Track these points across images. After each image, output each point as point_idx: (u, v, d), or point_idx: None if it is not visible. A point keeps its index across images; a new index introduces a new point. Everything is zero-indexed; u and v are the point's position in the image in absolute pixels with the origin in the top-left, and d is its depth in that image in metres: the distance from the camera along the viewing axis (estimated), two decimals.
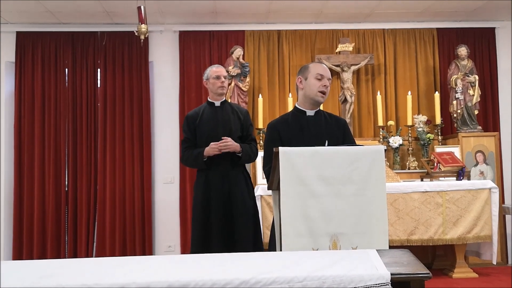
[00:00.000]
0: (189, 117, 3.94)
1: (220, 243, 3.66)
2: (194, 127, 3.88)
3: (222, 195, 3.73)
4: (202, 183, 3.80)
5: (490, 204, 4.74)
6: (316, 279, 1.58)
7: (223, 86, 3.88)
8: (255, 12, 5.83)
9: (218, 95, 3.91)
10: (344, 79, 5.93)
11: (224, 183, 3.75)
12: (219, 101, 3.94)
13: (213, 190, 3.75)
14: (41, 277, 1.62)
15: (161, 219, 6.00)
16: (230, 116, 3.86)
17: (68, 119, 5.92)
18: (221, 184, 3.75)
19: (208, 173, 3.78)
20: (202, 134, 3.84)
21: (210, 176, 3.77)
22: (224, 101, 3.96)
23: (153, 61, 6.15)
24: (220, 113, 3.89)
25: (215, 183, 3.75)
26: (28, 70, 5.94)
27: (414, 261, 1.79)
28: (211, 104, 3.94)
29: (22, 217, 5.78)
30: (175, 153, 5.98)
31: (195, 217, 3.81)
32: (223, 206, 3.73)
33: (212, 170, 3.77)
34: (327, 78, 2.96)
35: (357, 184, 2.51)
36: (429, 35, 6.28)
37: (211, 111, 3.90)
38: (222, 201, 3.73)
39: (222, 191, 3.74)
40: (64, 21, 5.94)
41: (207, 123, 3.86)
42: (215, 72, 3.88)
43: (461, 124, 5.81)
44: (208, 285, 1.55)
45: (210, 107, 3.93)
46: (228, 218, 3.72)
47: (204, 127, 3.85)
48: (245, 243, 3.65)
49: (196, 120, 3.89)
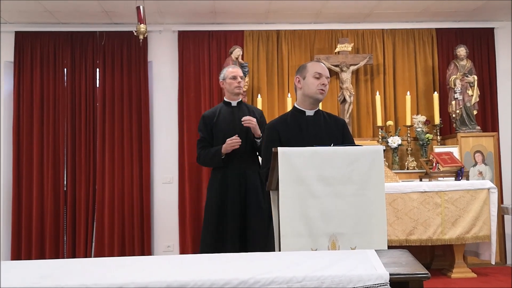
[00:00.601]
0: (205, 117, 3.98)
1: (235, 242, 3.67)
2: (210, 127, 3.92)
3: (238, 194, 3.76)
4: (218, 182, 3.82)
5: (489, 204, 4.74)
6: (315, 279, 1.58)
7: (240, 86, 3.95)
8: (254, 12, 5.83)
9: (235, 95, 3.97)
10: (343, 79, 5.93)
11: (241, 182, 3.79)
12: (236, 101, 3.99)
13: (230, 189, 3.77)
14: (40, 277, 1.62)
15: (160, 219, 6.00)
16: (247, 116, 3.88)
17: (67, 119, 5.91)
18: (238, 183, 3.78)
19: (225, 171, 3.81)
20: (219, 133, 3.87)
21: (226, 175, 3.80)
22: (240, 101, 4.03)
23: (152, 61, 6.14)
24: (237, 113, 3.93)
25: (232, 182, 3.78)
26: (27, 70, 5.93)
27: (412, 261, 1.79)
28: (228, 104, 4.00)
29: (20, 217, 5.77)
30: (174, 153, 5.98)
31: (209, 216, 3.82)
32: (239, 206, 3.74)
33: (229, 169, 3.80)
34: (326, 77, 2.96)
35: (356, 184, 2.51)
36: (428, 35, 6.28)
37: (228, 111, 3.95)
38: (238, 201, 3.75)
39: (239, 190, 3.77)
40: (63, 21, 5.94)
41: (224, 122, 3.90)
42: (231, 72, 3.96)
43: (460, 124, 5.82)
44: (207, 285, 1.55)
45: (227, 107, 3.98)
46: (243, 218, 3.73)
47: (221, 126, 3.89)
48: (257, 243, 3.64)
49: (213, 120, 3.93)
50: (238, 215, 3.73)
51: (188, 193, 5.86)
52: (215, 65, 6.01)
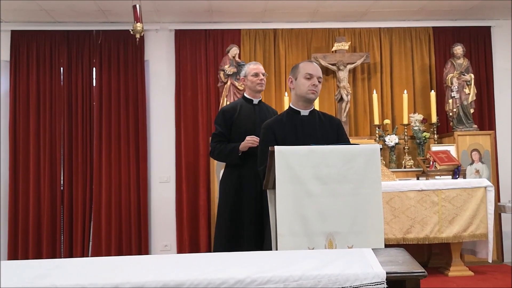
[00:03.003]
0: (226, 111, 3.87)
1: (252, 241, 3.58)
2: (230, 122, 3.81)
3: (255, 194, 3.64)
4: (234, 180, 3.73)
5: (486, 202, 4.75)
6: (312, 278, 1.58)
7: (262, 83, 3.86)
8: (251, 11, 5.82)
9: (257, 92, 3.89)
10: (340, 78, 5.93)
11: (257, 181, 3.65)
12: (257, 99, 3.92)
13: (246, 188, 3.67)
14: (36, 277, 1.61)
15: (157, 218, 5.99)
16: (267, 116, 3.80)
17: (63, 118, 5.90)
18: (254, 182, 3.63)
19: (241, 171, 3.71)
20: (238, 129, 3.78)
21: (242, 175, 3.70)
22: (261, 99, 3.97)
23: (149, 60, 6.13)
24: (258, 111, 3.87)
25: (248, 181, 3.67)
26: (23, 69, 5.91)
27: (409, 260, 1.79)
28: (249, 101, 3.90)
29: (17, 216, 5.75)
30: (171, 152, 5.98)
31: (223, 218, 3.73)
32: (255, 205, 3.64)
33: (245, 169, 3.70)
34: (317, 77, 2.96)
35: (353, 183, 2.51)
36: (425, 33, 6.28)
37: (249, 109, 3.87)
38: (254, 199, 3.64)
39: (256, 189, 3.62)
40: (59, 20, 5.92)
41: (245, 120, 3.81)
42: (253, 69, 3.86)
43: (457, 123, 5.83)
44: (203, 285, 1.54)
45: (248, 104, 3.90)
46: (259, 217, 3.62)
47: (241, 123, 3.80)
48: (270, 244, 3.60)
49: (233, 115, 3.82)
50: (254, 218, 3.62)
51: (185, 192, 5.86)
52: (212, 64, 6.00)
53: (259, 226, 3.64)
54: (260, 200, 3.65)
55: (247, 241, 3.62)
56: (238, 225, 3.68)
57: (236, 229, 3.69)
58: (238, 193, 3.71)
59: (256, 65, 3.90)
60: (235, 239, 3.66)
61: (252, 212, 3.65)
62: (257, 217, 3.64)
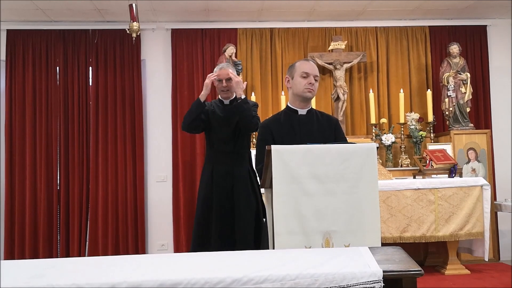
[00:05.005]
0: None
1: (219, 241, 3.60)
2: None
3: (225, 192, 3.67)
4: (206, 179, 3.76)
5: (482, 201, 4.76)
6: (309, 276, 1.58)
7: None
8: (248, 10, 5.82)
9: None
10: (337, 77, 5.93)
11: (227, 180, 3.70)
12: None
13: (216, 187, 3.70)
14: (33, 277, 1.61)
15: (154, 218, 5.98)
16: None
17: (59, 117, 5.88)
18: (225, 181, 3.69)
19: (213, 169, 3.74)
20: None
21: (214, 172, 3.74)
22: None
23: (145, 59, 6.12)
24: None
25: (219, 179, 3.70)
26: (19, 68, 5.89)
27: (406, 258, 1.79)
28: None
29: (13, 216, 5.73)
30: (168, 151, 5.97)
31: (197, 213, 3.77)
32: (225, 203, 3.66)
33: (217, 166, 3.74)
34: (313, 75, 2.96)
35: (350, 181, 2.51)
36: (421, 33, 6.29)
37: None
38: (224, 198, 3.66)
39: (225, 187, 3.68)
40: (55, 19, 5.91)
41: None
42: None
43: (453, 122, 5.84)
44: (200, 284, 1.54)
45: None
46: (229, 216, 3.65)
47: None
48: (245, 242, 3.59)
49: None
50: (223, 212, 3.64)
51: (182, 191, 5.85)
52: (209, 63, 6.00)
53: (228, 225, 3.64)
54: (231, 197, 3.66)
55: (213, 239, 3.63)
56: (207, 223, 3.69)
57: (205, 225, 3.70)
58: (210, 188, 3.73)
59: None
60: (204, 237, 3.66)
61: (221, 210, 3.66)
62: (227, 216, 3.64)
